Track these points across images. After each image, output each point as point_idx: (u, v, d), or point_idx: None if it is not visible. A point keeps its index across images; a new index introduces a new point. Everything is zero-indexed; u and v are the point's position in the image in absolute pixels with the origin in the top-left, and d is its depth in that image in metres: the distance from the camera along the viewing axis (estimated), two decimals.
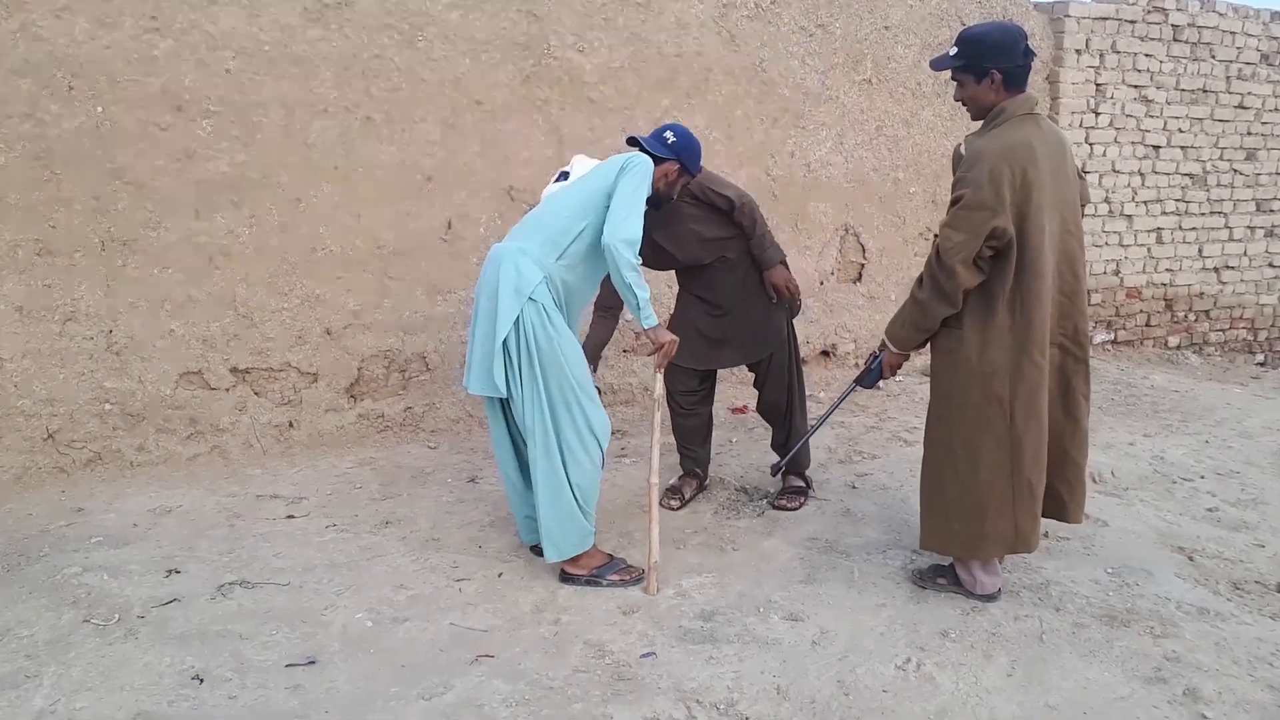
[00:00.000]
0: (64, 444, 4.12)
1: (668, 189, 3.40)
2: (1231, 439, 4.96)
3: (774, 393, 3.93)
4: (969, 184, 2.76)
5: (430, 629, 2.91)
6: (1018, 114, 2.84)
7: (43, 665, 2.67)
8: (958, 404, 2.92)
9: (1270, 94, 7.38)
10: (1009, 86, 2.86)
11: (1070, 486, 3.05)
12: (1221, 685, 2.62)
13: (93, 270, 4.06)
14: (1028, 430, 2.87)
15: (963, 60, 2.86)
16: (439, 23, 4.54)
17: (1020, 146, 2.76)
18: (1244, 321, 7.80)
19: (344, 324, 4.58)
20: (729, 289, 3.78)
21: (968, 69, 2.87)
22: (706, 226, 3.68)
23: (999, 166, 2.73)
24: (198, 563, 3.35)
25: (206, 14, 4.08)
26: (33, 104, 3.85)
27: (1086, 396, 3.01)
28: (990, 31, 2.87)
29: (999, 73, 2.82)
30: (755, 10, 5.36)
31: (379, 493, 4.06)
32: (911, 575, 3.26)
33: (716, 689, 2.59)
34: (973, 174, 2.76)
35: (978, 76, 2.86)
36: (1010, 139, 2.78)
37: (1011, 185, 2.73)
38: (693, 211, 3.66)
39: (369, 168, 4.51)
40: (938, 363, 3.02)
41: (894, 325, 3.10)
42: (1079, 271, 2.93)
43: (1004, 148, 2.76)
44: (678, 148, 3.36)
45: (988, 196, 2.72)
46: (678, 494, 3.95)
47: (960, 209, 2.78)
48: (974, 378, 2.87)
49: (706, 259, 3.73)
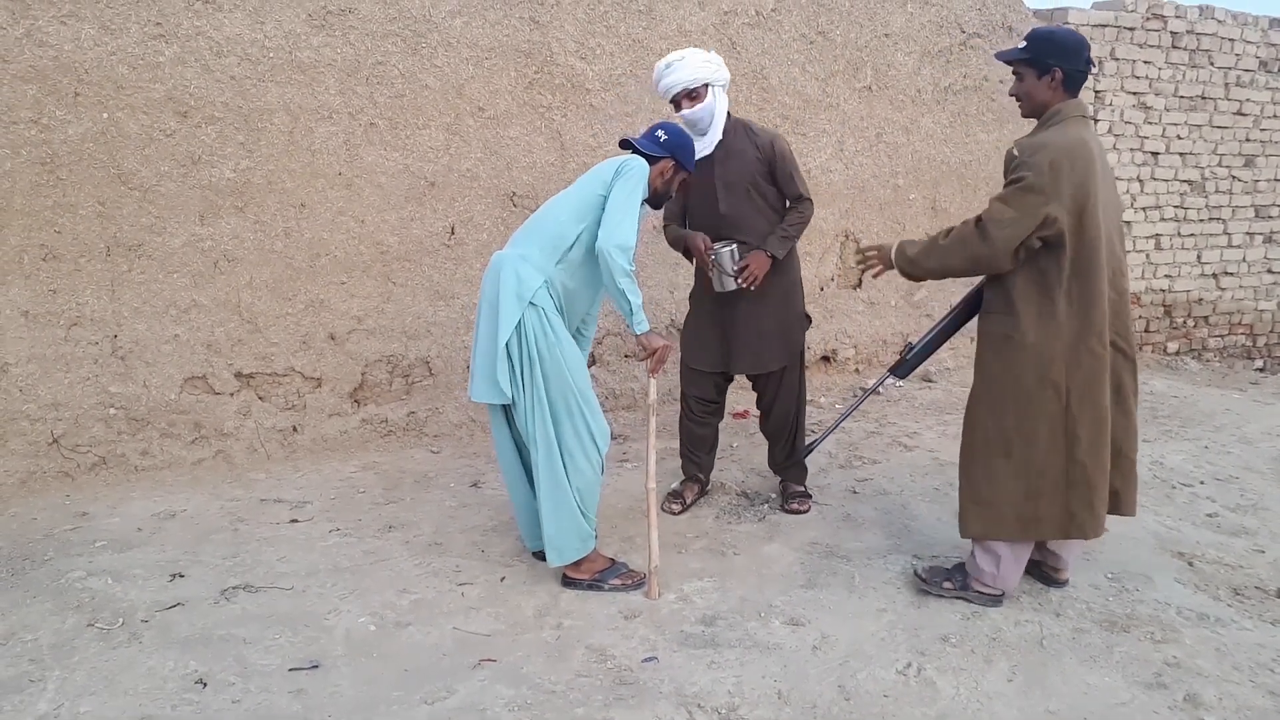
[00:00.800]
0: (69, 448, 4.13)
1: (665, 187, 3.41)
2: (1231, 444, 4.97)
3: (785, 405, 3.93)
4: (1030, 168, 2.82)
5: (433, 633, 2.92)
6: (1072, 116, 2.91)
7: (46, 669, 2.68)
8: (1013, 389, 2.96)
9: (1268, 101, 7.41)
10: (1066, 88, 2.92)
11: (1125, 480, 3.06)
12: (1222, 691, 2.63)
13: (98, 275, 4.08)
14: (1083, 416, 2.91)
15: (1029, 54, 2.93)
16: (442, 30, 4.56)
17: (1080, 145, 2.84)
18: (1243, 327, 7.81)
19: (348, 329, 4.60)
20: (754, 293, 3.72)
21: (1032, 63, 2.93)
22: (764, 184, 3.70)
23: (1060, 159, 2.79)
24: (201, 567, 3.36)
25: (211, 20, 4.11)
26: (39, 109, 3.87)
27: (1135, 393, 3.06)
28: (1059, 32, 2.94)
29: (1061, 71, 2.89)
30: (756, 18, 5.38)
31: (382, 497, 4.07)
32: (915, 580, 3.26)
33: (718, 694, 2.60)
34: (1034, 160, 2.82)
35: (1040, 72, 2.93)
36: (1070, 136, 2.85)
37: (1070, 179, 2.80)
38: (757, 164, 3.69)
39: (372, 173, 4.53)
40: (992, 349, 3.03)
41: (910, 244, 3.11)
42: (1126, 271, 3.01)
43: (1066, 143, 2.83)
44: (671, 145, 3.37)
45: (1047, 183, 2.78)
46: (679, 499, 3.96)
47: (1019, 188, 2.83)
48: (1030, 363, 2.91)
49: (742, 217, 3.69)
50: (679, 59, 3.58)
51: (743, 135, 3.72)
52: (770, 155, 3.71)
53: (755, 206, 3.73)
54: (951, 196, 6.29)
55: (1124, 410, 3.02)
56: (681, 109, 3.64)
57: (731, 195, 3.70)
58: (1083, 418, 2.92)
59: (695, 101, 3.61)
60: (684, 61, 3.57)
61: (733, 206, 3.70)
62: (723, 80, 3.67)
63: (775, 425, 3.97)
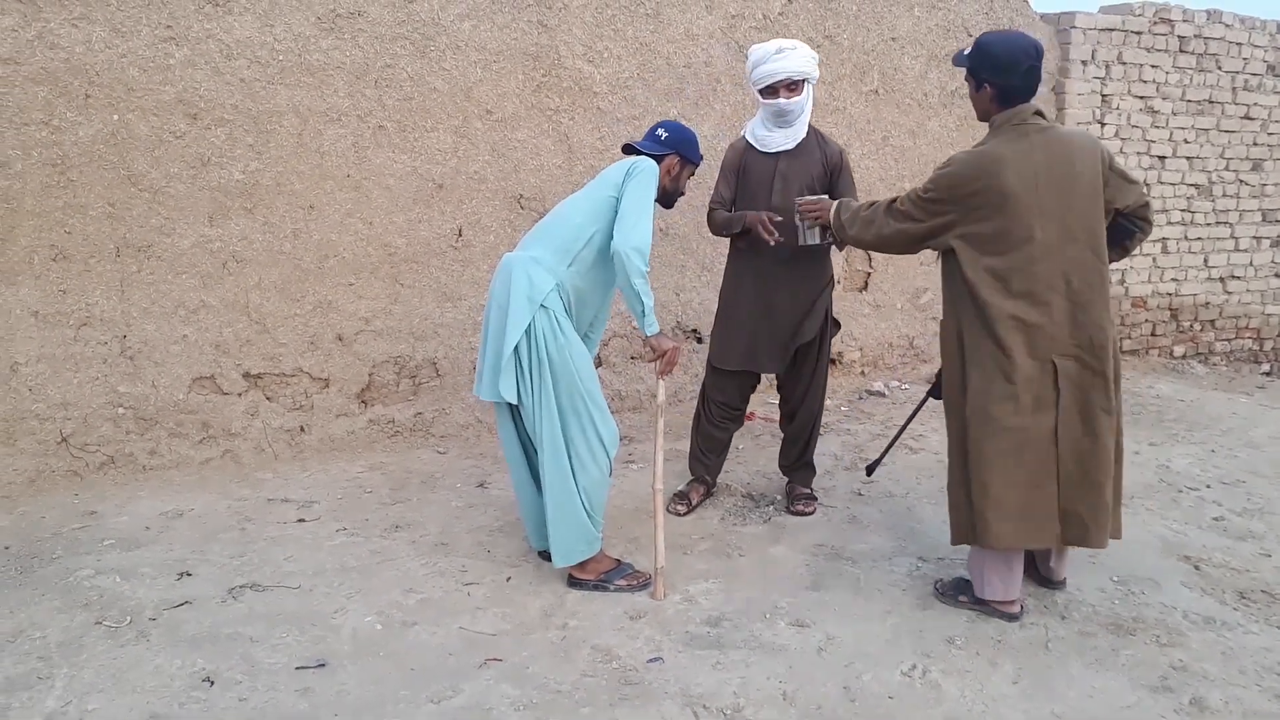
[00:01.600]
0: (77, 447, 4.16)
1: (673, 184, 3.43)
2: (1237, 448, 4.96)
3: (811, 407, 3.95)
4: (933, 182, 2.95)
5: (439, 633, 2.93)
6: (1006, 125, 2.91)
7: (55, 667, 2.70)
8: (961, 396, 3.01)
9: (1276, 105, 7.39)
10: (1002, 101, 2.91)
11: (1092, 508, 2.89)
12: (1228, 695, 2.63)
13: (107, 276, 4.10)
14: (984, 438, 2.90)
15: (967, 65, 2.98)
16: (450, 33, 4.58)
17: (991, 160, 2.85)
18: (1250, 331, 7.79)
19: (355, 330, 4.62)
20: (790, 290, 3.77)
21: (970, 74, 2.99)
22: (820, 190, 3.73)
23: (961, 175, 2.89)
24: (209, 566, 3.38)
25: (221, 23, 4.13)
26: (49, 111, 3.90)
27: (1108, 410, 2.87)
28: (996, 44, 2.90)
29: (991, 87, 2.90)
30: (763, 21, 5.39)
31: (389, 497, 4.08)
32: (935, 587, 3.23)
33: (723, 695, 2.61)
34: (937, 176, 2.95)
35: (975, 85, 2.98)
36: (987, 152, 2.88)
37: (975, 195, 2.85)
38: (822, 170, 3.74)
39: (381, 175, 4.55)
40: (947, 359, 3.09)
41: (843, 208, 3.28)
42: (1092, 280, 2.86)
43: (972, 160, 2.89)
44: (673, 141, 3.39)
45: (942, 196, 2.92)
46: (684, 500, 3.97)
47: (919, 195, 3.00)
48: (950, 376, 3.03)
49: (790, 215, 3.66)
50: (791, 47, 3.58)
51: (814, 138, 3.77)
52: (837, 165, 3.76)
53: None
54: None
55: (1092, 432, 2.87)
56: (779, 97, 3.61)
57: (787, 191, 3.69)
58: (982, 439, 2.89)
59: (794, 94, 3.62)
60: (796, 51, 3.58)
61: (785, 202, 3.65)
62: (815, 79, 3.70)
63: (798, 427, 3.99)
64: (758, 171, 3.76)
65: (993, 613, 3.06)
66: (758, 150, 3.77)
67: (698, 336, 5.57)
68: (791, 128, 3.69)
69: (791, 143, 3.70)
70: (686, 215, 5.33)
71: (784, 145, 3.71)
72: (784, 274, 3.77)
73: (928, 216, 2.96)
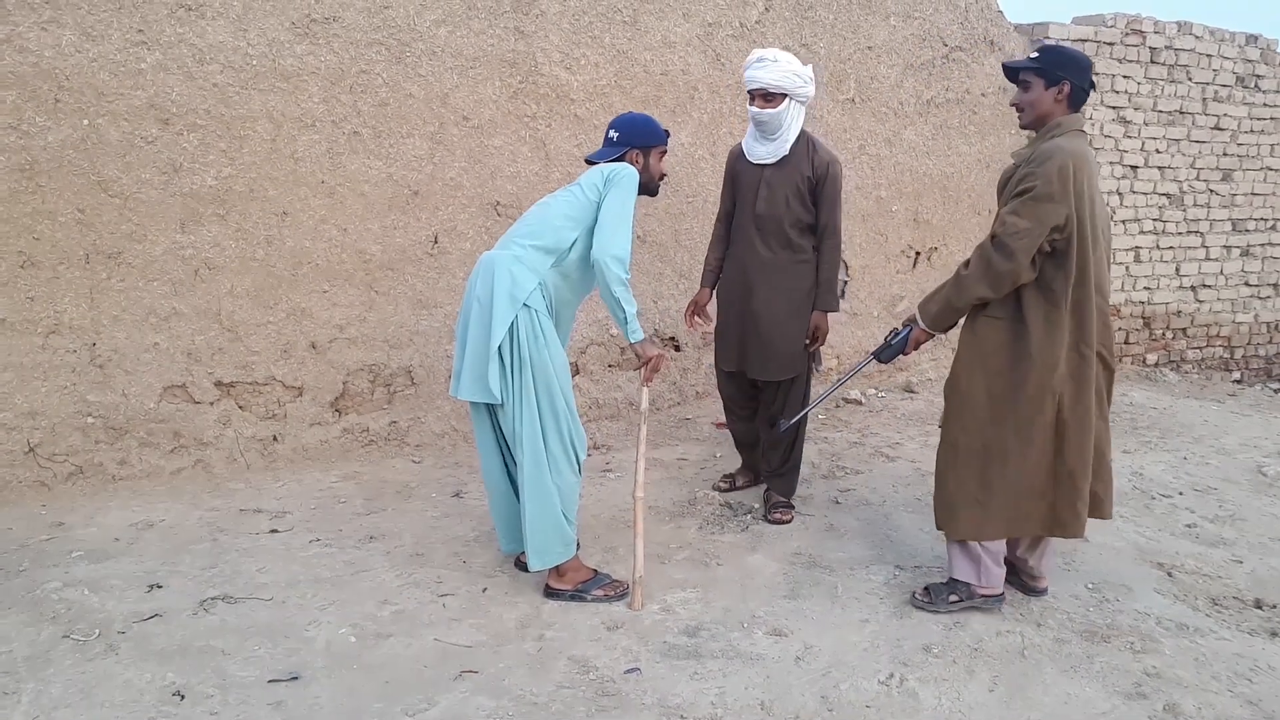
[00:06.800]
0: (45, 457, 4.09)
1: (647, 174, 3.39)
2: (1209, 455, 5.02)
3: (791, 413, 3.95)
4: (1038, 177, 2.85)
5: (414, 645, 2.90)
6: (1074, 129, 2.95)
7: (21, 682, 2.64)
8: (1012, 396, 2.98)
9: (1245, 116, 7.50)
10: (1071, 103, 2.97)
11: (1104, 484, 3.12)
12: (1201, 701, 2.65)
13: (76, 283, 4.04)
14: (1073, 422, 2.96)
15: (1040, 64, 2.97)
16: (426, 39, 4.56)
17: (1084, 155, 2.89)
18: (1220, 339, 7.90)
19: (329, 338, 4.57)
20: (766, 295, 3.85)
21: (1042, 73, 2.97)
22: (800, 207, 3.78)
23: (1067, 165, 2.84)
24: (180, 577, 3.33)
25: (194, 28, 4.09)
26: (18, 115, 3.84)
27: (1110, 402, 3.14)
28: (1069, 49, 3.02)
29: (1070, 85, 2.93)
30: (740, 30, 5.41)
31: (363, 507, 4.04)
32: (914, 601, 3.21)
33: (701, 705, 2.60)
34: (1043, 169, 2.85)
35: (1049, 83, 2.96)
36: (1075, 146, 2.89)
37: (1075, 186, 2.85)
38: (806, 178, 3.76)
39: (356, 182, 4.51)
40: (994, 356, 3.02)
41: (928, 301, 3.16)
42: (1109, 289, 3.07)
43: (1071, 150, 2.87)
44: (625, 138, 3.36)
45: (1056, 190, 2.82)
46: (729, 479, 4.27)
47: (1029, 198, 2.86)
48: (1034, 371, 2.94)
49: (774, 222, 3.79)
50: (771, 59, 3.64)
51: (804, 147, 3.80)
52: (822, 174, 3.78)
53: (789, 218, 3.79)
54: (934, 208, 6.33)
55: (1103, 416, 3.08)
56: (754, 105, 3.70)
57: (772, 198, 3.78)
58: (1072, 423, 2.97)
59: (769, 105, 3.68)
60: (775, 64, 3.63)
61: (769, 208, 3.78)
62: (804, 97, 3.73)
63: (776, 433, 3.99)
64: (746, 179, 3.87)
65: (985, 605, 3.11)
66: (746, 158, 3.88)
67: (676, 344, 5.57)
68: (772, 142, 3.76)
69: (772, 159, 3.78)
70: (665, 224, 5.33)
71: (765, 159, 3.79)
72: (761, 281, 3.85)
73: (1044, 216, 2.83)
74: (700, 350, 5.57)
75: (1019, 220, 2.86)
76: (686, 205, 5.39)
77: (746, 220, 3.86)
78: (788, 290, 3.84)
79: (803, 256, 3.85)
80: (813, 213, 3.82)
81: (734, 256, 3.95)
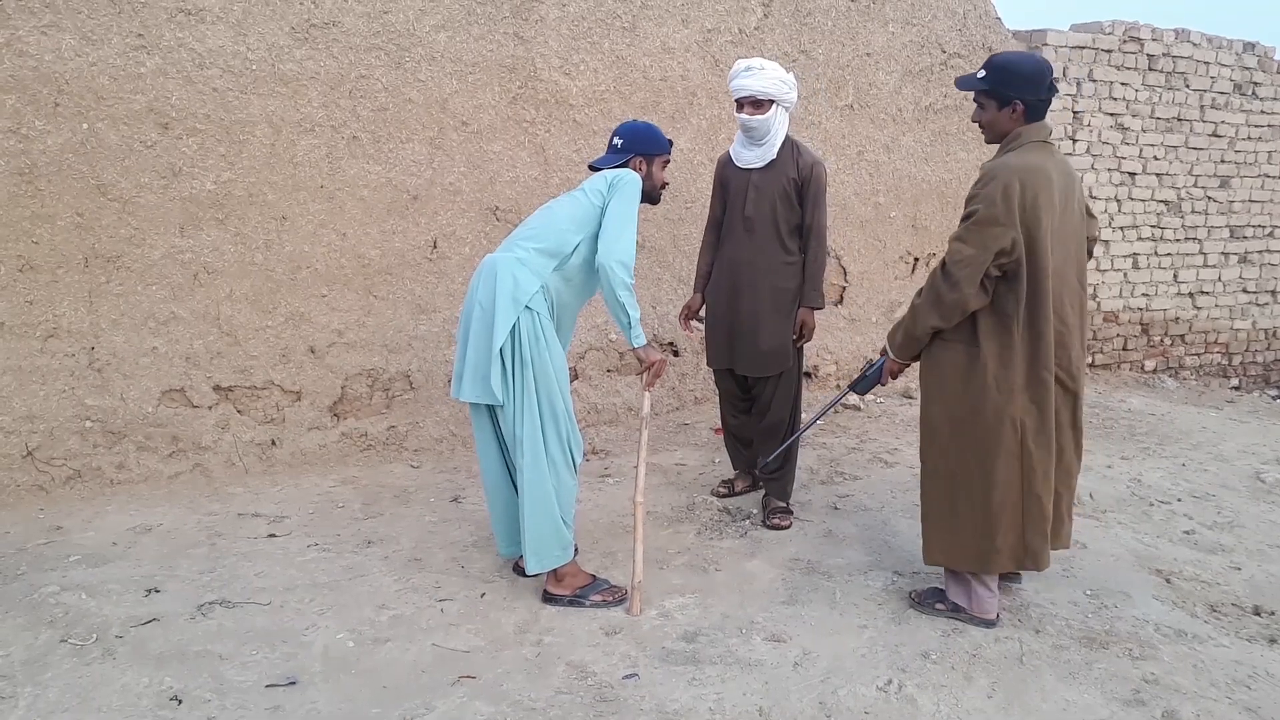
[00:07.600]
0: (43, 461, 4.08)
1: (650, 182, 3.42)
2: (1207, 462, 5.02)
3: (778, 413, 4.01)
4: (981, 200, 2.81)
5: (412, 650, 2.90)
6: (1032, 140, 2.90)
7: (19, 686, 2.64)
8: (971, 422, 2.93)
9: (1243, 123, 7.52)
10: (1028, 118, 2.91)
11: (1059, 515, 3.07)
12: (1200, 708, 2.65)
13: (75, 287, 4.04)
14: (1038, 449, 2.92)
15: (989, 85, 2.91)
16: (426, 44, 4.57)
17: (1034, 169, 2.81)
18: (1219, 346, 7.91)
19: (328, 342, 4.57)
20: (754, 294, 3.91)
21: (992, 94, 2.92)
22: (787, 208, 3.88)
23: (1011, 184, 2.77)
24: (178, 582, 3.32)
25: (194, 32, 4.09)
26: (18, 120, 3.84)
27: (1074, 426, 3.04)
28: (1021, 61, 2.90)
29: (1021, 104, 2.88)
30: (739, 36, 5.42)
31: (361, 512, 4.04)
32: (910, 599, 3.25)
33: (699, 711, 2.59)
34: (986, 190, 2.80)
35: (1000, 103, 2.91)
36: (1025, 161, 2.83)
37: (1022, 204, 2.77)
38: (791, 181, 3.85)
39: (355, 186, 4.52)
40: (951, 381, 2.98)
41: (894, 331, 3.14)
42: (1077, 305, 2.96)
43: (1018, 167, 2.81)
44: (629, 145, 3.38)
45: (999, 213, 2.76)
46: (728, 484, 4.28)
47: (972, 224, 2.81)
48: (990, 397, 2.89)
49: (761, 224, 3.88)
50: (759, 67, 3.76)
51: (789, 150, 3.89)
52: (807, 176, 3.88)
53: (777, 219, 3.89)
54: (932, 215, 6.34)
55: (1076, 442, 3.06)
56: (742, 112, 3.80)
57: (760, 201, 3.88)
58: (1038, 450, 2.91)
59: (757, 111, 3.78)
60: (762, 72, 3.75)
61: (757, 211, 3.89)
62: (789, 103, 3.84)
63: (767, 428, 4.05)
64: (735, 183, 3.98)
65: (972, 620, 3.09)
66: (735, 164, 3.98)
67: (674, 350, 5.57)
68: (760, 147, 3.87)
69: (761, 163, 3.88)
70: (663, 229, 5.34)
71: (753, 164, 3.90)
72: (749, 281, 3.93)
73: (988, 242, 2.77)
74: (698, 355, 5.57)
75: (964, 247, 2.81)
76: (685, 211, 5.39)
77: (736, 222, 3.96)
78: (775, 289, 3.92)
79: (790, 258, 3.93)
80: (799, 214, 3.91)
81: (723, 257, 4.03)
